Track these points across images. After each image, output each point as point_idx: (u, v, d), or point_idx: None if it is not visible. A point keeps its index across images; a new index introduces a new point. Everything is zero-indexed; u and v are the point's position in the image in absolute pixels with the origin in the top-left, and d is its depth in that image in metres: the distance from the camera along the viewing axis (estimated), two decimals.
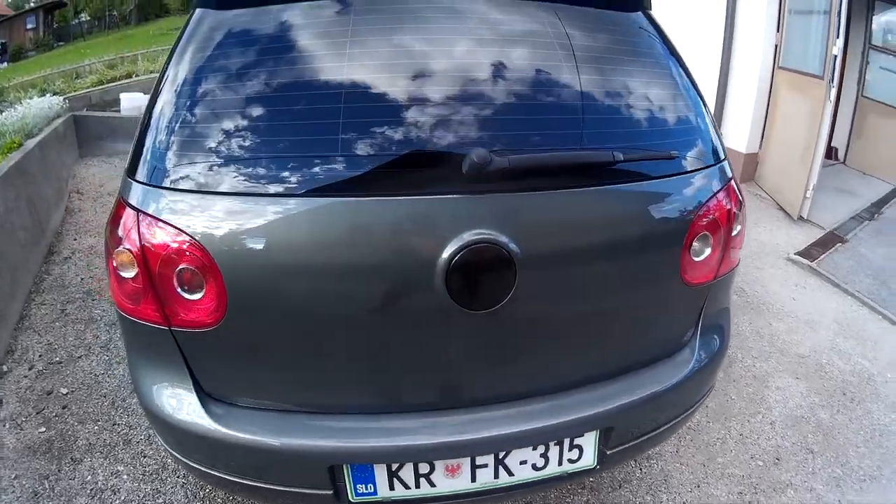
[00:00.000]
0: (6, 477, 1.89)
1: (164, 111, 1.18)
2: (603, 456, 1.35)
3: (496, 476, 1.27)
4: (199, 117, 1.16)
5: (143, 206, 1.14)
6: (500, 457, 1.26)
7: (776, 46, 5.02)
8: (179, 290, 1.14)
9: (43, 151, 3.89)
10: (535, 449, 1.27)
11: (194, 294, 1.13)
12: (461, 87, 1.17)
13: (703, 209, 1.30)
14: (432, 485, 1.25)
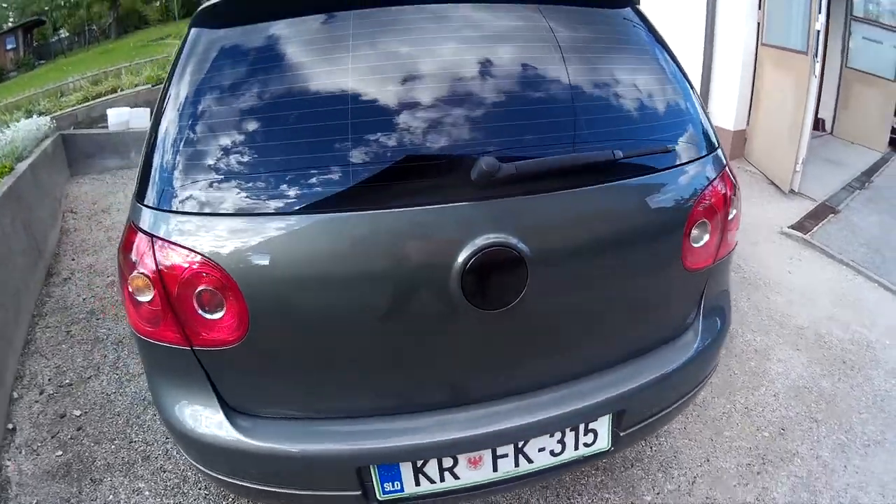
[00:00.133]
0: None
1: (169, 135, 1.19)
2: (616, 438, 1.40)
3: (517, 464, 1.32)
4: (204, 140, 1.17)
5: (156, 230, 1.16)
6: (520, 446, 1.31)
7: (759, 24, 5.05)
8: (200, 311, 1.16)
9: (34, 174, 3.87)
10: (552, 436, 1.32)
11: (215, 314, 1.16)
12: (464, 96, 1.20)
13: (701, 197, 1.34)
14: (456, 477, 1.30)
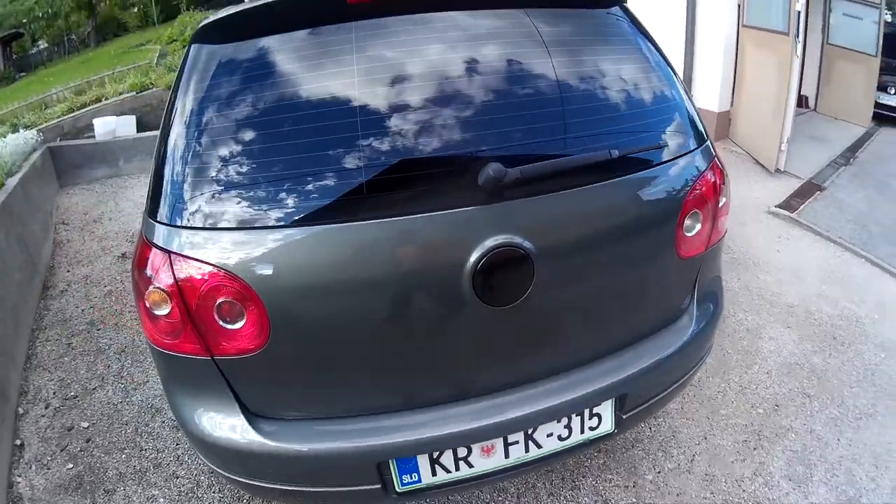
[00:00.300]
0: None
1: (179, 151, 1.21)
2: (619, 421, 1.47)
3: (527, 450, 1.39)
4: (214, 154, 1.19)
5: (172, 245, 1.18)
6: (530, 432, 1.37)
7: (739, 5, 5.09)
8: (221, 322, 1.19)
9: (25, 188, 3.86)
10: (559, 422, 1.38)
11: (235, 324, 1.19)
12: (467, 103, 1.24)
13: (693, 189, 1.40)
14: (470, 466, 1.36)
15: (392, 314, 1.23)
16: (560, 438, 1.41)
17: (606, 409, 1.44)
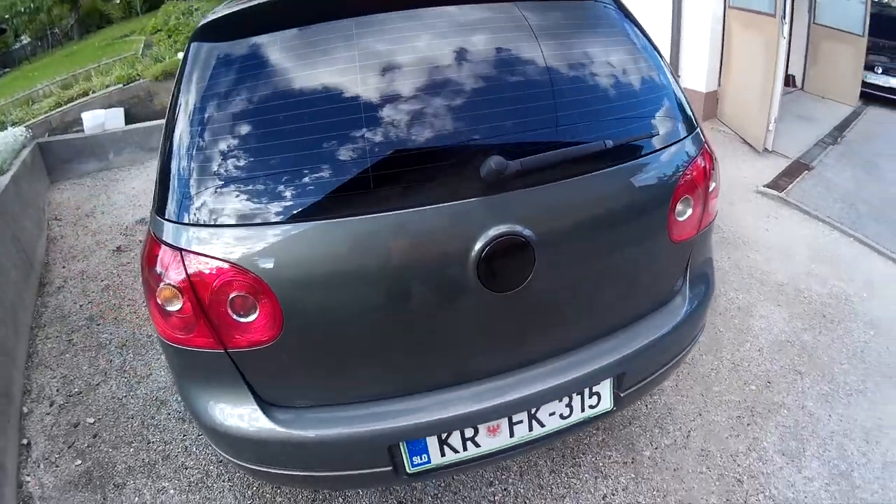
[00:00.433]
0: None
1: (185, 150, 1.22)
2: (618, 398, 1.53)
3: (531, 429, 1.44)
4: (221, 152, 1.21)
5: (182, 242, 1.20)
6: (533, 412, 1.43)
7: None
8: (234, 316, 1.22)
9: (17, 186, 3.83)
10: (561, 401, 1.44)
11: (248, 317, 1.22)
12: (469, 98, 1.27)
13: (684, 175, 1.45)
14: (477, 446, 1.41)
15: (400, 303, 1.27)
16: (562, 417, 1.47)
17: (605, 388, 1.49)
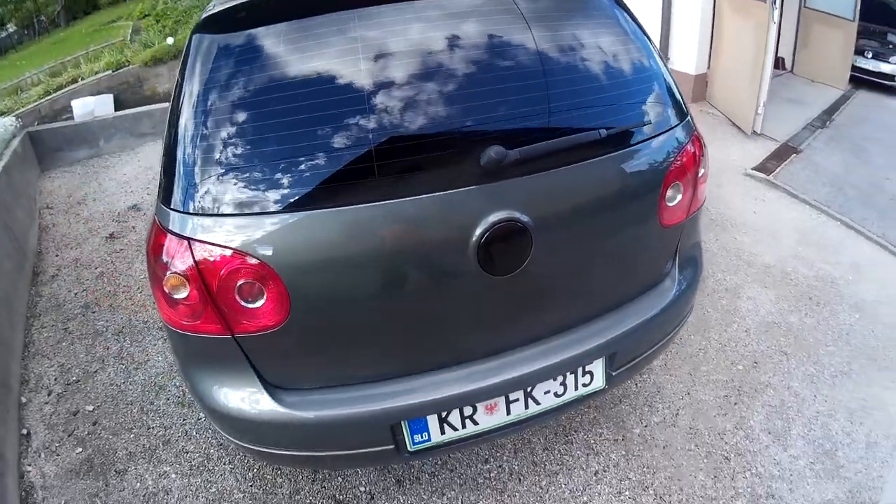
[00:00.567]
0: None
1: (190, 140, 1.24)
2: (610, 377, 1.58)
3: (527, 407, 1.50)
4: (226, 142, 1.22)
5: (189, 231, 1.22)
6: (529, 390, 1.48)
7: None
8: (242, 302, 1.25)
9: (9, 176, 3.79)
10: (555, 379, 1.50)
11: (256, 303, 1.25)
12: (470, 89, 1.31)
13: (674, 162, 1.49)
14: (475, 423, 1.46)
15: (403, 287, 1.31)
16: (556, 395, 1.52)
17: (598, 367, 1.55)
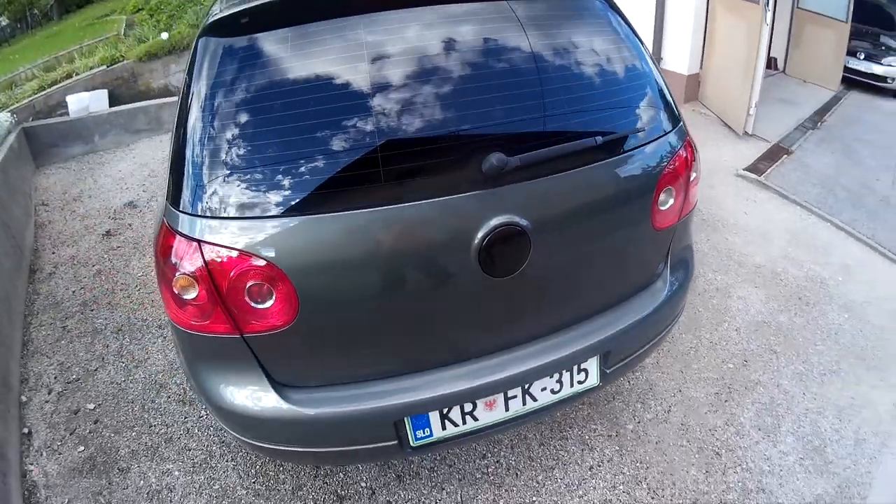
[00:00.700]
0: None
1: (199, 142, 1.26)
2: (604, 375, 1.64)
3: (524, 403, 1.55)
4: (235, 146, 1.25)
5: (198, 233, 1.25)
6: (526, 387, 1.53)
7: None
8: (251, 303, 1.28)
9: (5, 173, 3.78)
10: (552, 377, 1.55)
11: (265, 303, 1.29)
12: (469, 99, 1.35)
13: (667, 167, 1.54)
14: (475, 419, 1.51)
15: (407, 288, 1.35)
16: (552, 392, 1.57)
17: (592, 365, 1.60)
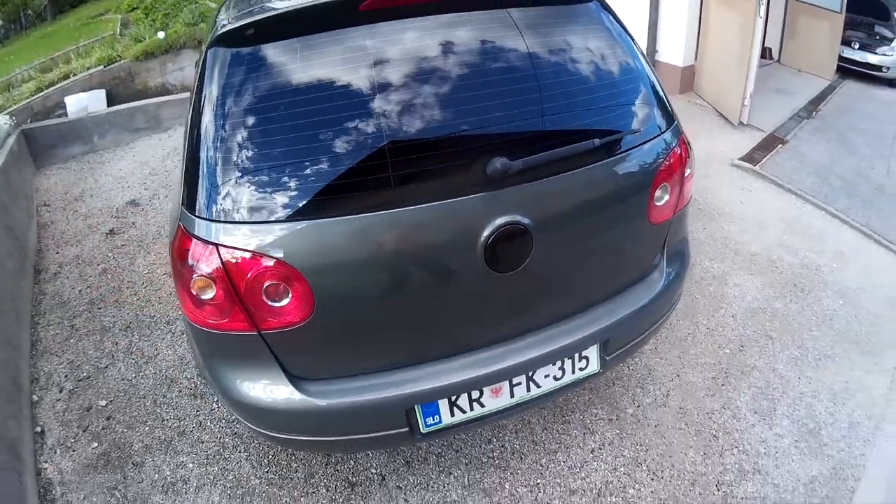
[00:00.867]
0: (75, 500, 1.94)
1: (212, 148, 1.30)
2: (604, 362, 1.71)
3: (528, 390, 1.62)
4: (249, 152, 1.29)
5: (214, 237, 1.29)
6: (530, 375, 1.60)
7: None
8: (268, 301, 1.34)
9: (6, 175, 3.78)
10: (554, 364, 1.62)
11: (281, 301, 1.34)
12: (473, 105, 1.40)
13: (662, 165, 1.60)
14: (482, 406, 1.58)
15: (417, 285, 1.42)
16: (555, 378, 1.64)
17: (593, 352, 1.67)
